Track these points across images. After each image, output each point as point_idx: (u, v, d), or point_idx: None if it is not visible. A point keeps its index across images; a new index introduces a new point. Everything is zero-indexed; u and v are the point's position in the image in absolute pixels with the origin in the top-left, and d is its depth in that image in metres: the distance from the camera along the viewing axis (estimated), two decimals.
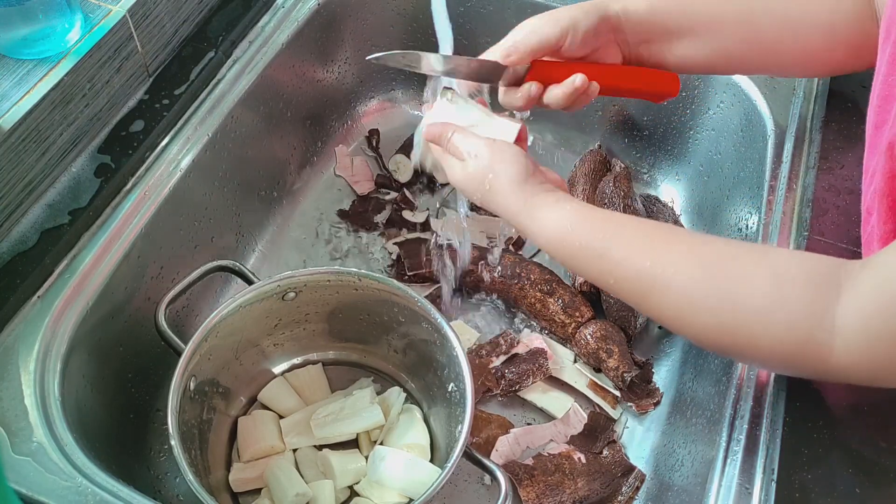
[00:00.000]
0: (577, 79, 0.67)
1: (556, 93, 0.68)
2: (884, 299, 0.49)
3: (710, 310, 0.55)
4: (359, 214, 1.01)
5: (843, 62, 0.71)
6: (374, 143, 1.08)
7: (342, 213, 1.01)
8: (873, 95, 0.62)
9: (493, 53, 0.69)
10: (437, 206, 1.02)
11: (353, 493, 0.77)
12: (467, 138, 0.66)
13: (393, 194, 1.03)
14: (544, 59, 0.69)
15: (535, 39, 0.67)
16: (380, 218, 1.01)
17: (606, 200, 0.95)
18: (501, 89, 0.70)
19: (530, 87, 0.68)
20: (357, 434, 0.79)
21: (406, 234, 0.99)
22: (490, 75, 0.69)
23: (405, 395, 0.82)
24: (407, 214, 1.01)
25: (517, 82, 0.69)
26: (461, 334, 0.79)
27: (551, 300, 0.89)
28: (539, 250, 0.99)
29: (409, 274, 0.93)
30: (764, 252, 0.57)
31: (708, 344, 0.58)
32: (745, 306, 0.53)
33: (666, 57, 0.72)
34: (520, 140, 0.68)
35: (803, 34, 0.69)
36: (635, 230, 0.61)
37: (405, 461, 0.75)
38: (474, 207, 1.01)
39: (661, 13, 0.70)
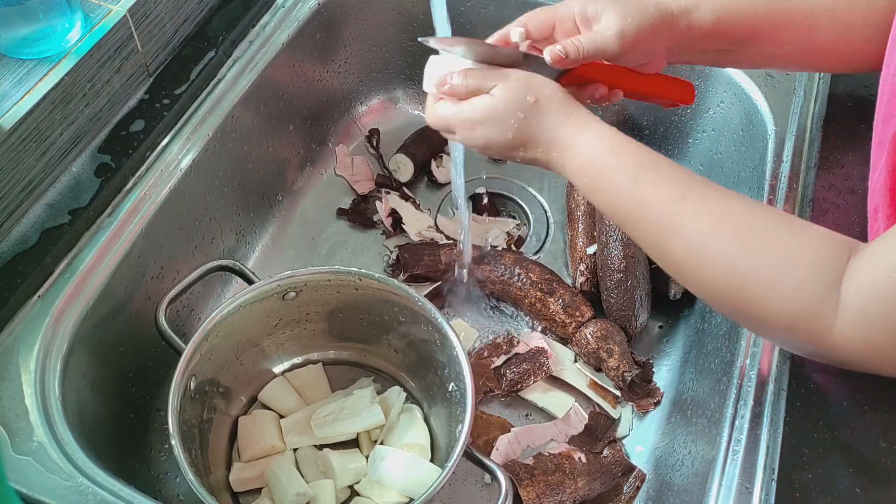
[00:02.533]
0: (597, 92, 0.67)
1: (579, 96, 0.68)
2: (879, 282, 0.49)
3: (727, 259, 0.54)
4: (358, 213, 1.01)
5: None
6: (375, 143, 1.08)
7: (342, 212, 1.01)
8: (883, 90, 0.62)
9: (532, 22, 0.67)
10: (438, 206, 1.02)
11: (354, 493, 0.77)
12: (487, 70, 0.63)
13: (394, 194, 1.03)
14: None
15: (592, 50, 0.64)
16: (379, 217, 1.01)
17: None
18: None
19: (596, 90, 0.68)
20: (357, 434, 0.79)
21: (405, 234, 0.99)
22: (530, 67, 0.65)
23: (405, 394, 0.82)
24: (407, 214, 1.01)
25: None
26: (461, 334, 0.79)
27: (551, 300, 0.89)
28: (539, 249, 0.99)
29: (407, 274, 0.93)
30: (788, 218, 0.57)
31: (714, 295, 0.57)
32: (761, 263, 0.53)
33: (718, 61, 0.72)
34: None
35: (861, 37, 0.69)
36: (673, 167, 0.60)
37: (405, 461, 0.75)
38: (475, 209, 1.02)
39: (726, 27, 0.68)
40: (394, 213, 1.00)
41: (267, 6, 0.93)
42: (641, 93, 0.73)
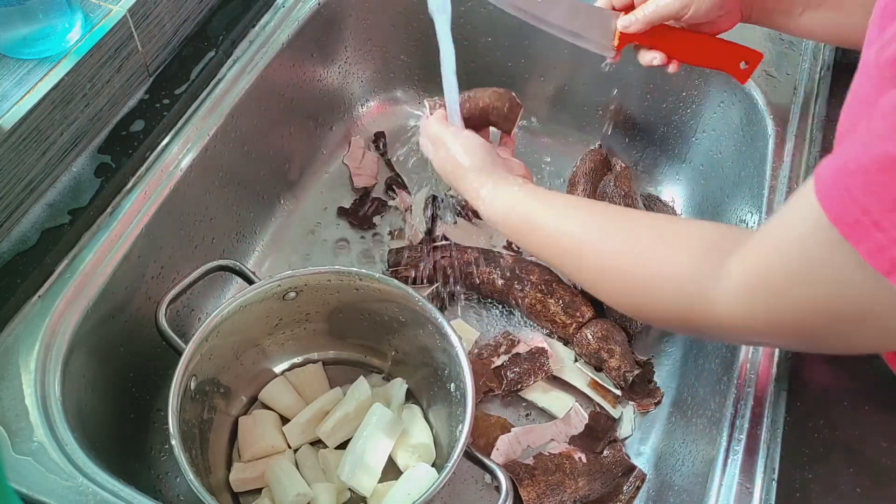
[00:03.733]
0: (656, 60, 0.76)
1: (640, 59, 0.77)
2: (761, 257, 0.49)
3: (620, 273, 0.58)
4: (359, 213, 1.01)
5: None
6: (382, 146, 1.08)
7: (342, 211, 1.01)
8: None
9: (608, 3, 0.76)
10: (439, 206, 1.02)
11: (354, 493, 0.77)
12: (438, 127, 0.72)
13: (396, 199, 1.03)
14: None
15: (657, 16, 0.72)
16: (378, 218, 1.01)
17: (607, 200, 0.95)
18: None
19: (653, 59, 0.77)
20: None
21: (406, 234, 0.99)
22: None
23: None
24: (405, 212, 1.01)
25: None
26: (461, 334, 0.79)
27: (551, 301, 0.89)
28: None
29: (402, 276, 0.93)
30: (675, 220, 0.62)
31: (621, 306, 0.61)
32: (645, 268, 0.56)
33: (788, 26, 0.74)
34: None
35: None
36: (570, 202, 0.66)
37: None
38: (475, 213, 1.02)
39: None
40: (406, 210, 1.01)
41: (267, 6, 0.93)
42: (698, 60, 0.78)
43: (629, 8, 0.75)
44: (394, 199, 1.03)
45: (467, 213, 1.01)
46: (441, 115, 0.74)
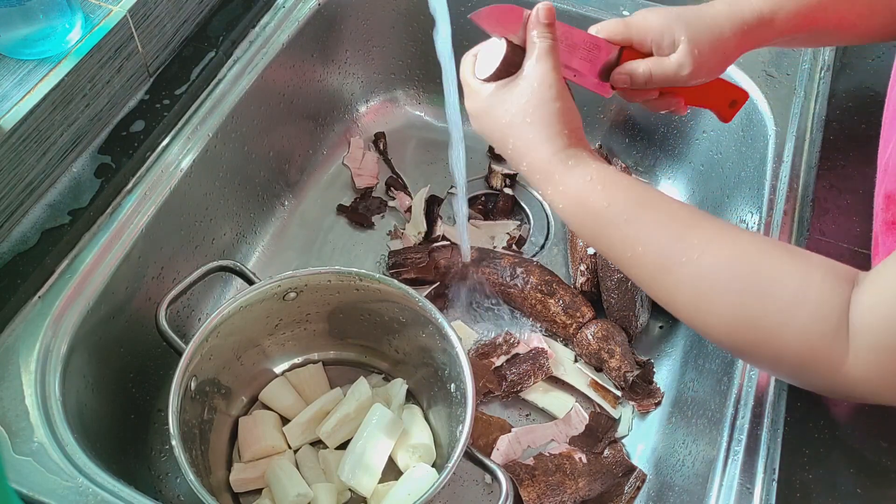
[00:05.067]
0: (672, 105, 0.69)
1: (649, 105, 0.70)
2: (884, 312, 0.48)
3: (732, 297, 0.52)
4: (359, 212, 1.01)
5: None
6: (382, 147, 1.08)
7: (342, 209, 1.01)
8: (893, 90, 0.61)
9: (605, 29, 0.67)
10: (439, 206, 1.02)
11: (354, 494, 0.77)
12: (548, 51, 0.60)
13: (397, 199, 1.03)
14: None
15: (661, 79, 0.66)
16: (377, 218, 1.01)
17: None
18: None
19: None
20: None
21: (406, 234, 0.99)
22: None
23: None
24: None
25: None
26: (461, 335, 0.79)
27: (552, 301, 0.89)
28: (540, 250, 0.99)
29: (402, 276, 0.93)
30: (791, 250, 0.55)
31: (719, 334, 0.54)
32: (770, 300, 0.51)
33: (790, 46, 0.74)
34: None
35: None
36: (666, 202, 0.57)
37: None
38: (475, 215, 1.02)
39: (811, 19, 0.68)
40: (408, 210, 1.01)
41: (267, 6, 0.93)
42: (690, 100, 0.73)
43: (626, 44, 0.67)
44: (393, 199, 1.03)
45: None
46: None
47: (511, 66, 0.61)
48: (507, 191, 1.02)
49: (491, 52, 0.63)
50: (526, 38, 0.61)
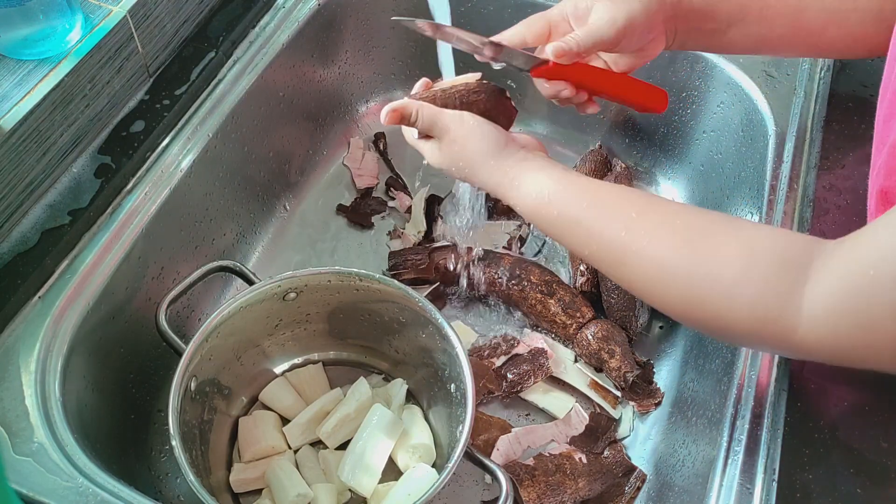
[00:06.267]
0: (563, 92, 0.70)
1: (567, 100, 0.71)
2: (853, 277, 0.48)
3: (680, 281, 0.55)
4: (358, 212, 1.01)
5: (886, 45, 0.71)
6: (382, 147, 1.08)
7: (342, 208, 1.01)
8: (885, 89, 0.61)
9: (529, 31, 0.69)
10: (440, 206, 1.02)
11: (354, 494, 0.77)
12: (434, 115, 0.65)
13: (397, 199, 1.03)
14: None
15: (590, 42, 0.67)
16: (377, 218, 1.01)
17: None
18: (541, 81, 0.71)
19: (563, 90, 0.70)
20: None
21: (406, 234, 0.99)
22: (518, 62, 0.69)
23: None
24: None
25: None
26: (461, 335, 0.79)
27: (552, 301, 0.89)
28: (540, 250, 0.99)
29: (402, 277, 0.93)
30: (738, 226, 0.57)
31: (676, 315, 0.59)
32: (713, 280, 0.53)
33: (712, 43, 0.73)
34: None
35: (850, 21, 0.69)
36: (612, 198, 0.61)
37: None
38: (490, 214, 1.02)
39: (716, 3, 0.70)
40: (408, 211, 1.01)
41: (267, 7, 0.93)
42: (611, 95, 0.74)
43: (546, 35, 0.70)
44: (393, 199, 1.03)
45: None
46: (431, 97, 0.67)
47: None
48: None
49: None
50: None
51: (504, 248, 0.98)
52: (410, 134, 0.69)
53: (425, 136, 0.67)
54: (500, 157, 0.64)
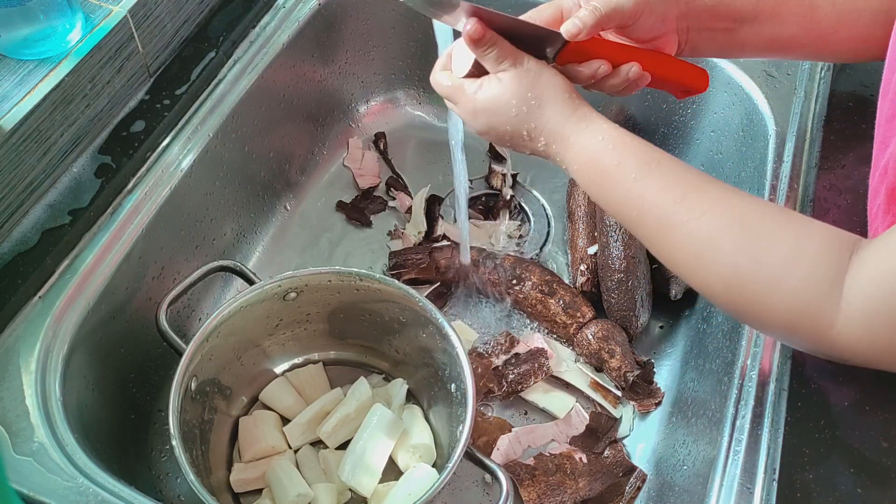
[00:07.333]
0: (633, 70, 0.65)
1: (612, 82, 0.66)
2: (884, 281, 0.49)
3: (725, 259, 0.54)
4: (358, 211, 1.01)
5: None
6: (382, 147, 1.08)
7: (341, 206, 1.01)
8: (887, 89, 0.61)
9: (539, 18, 0.65)
10: (440, 207, 1.02)
11: (355, 494, 0.77)
12: (501, 49, 0.61)
13: (397, 199, 1.03)
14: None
15: (608, 8, 0.62)
16: (378, 219, 1.01)
17: None
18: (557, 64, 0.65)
19: (599, 67, 0.65)
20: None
21: (406, 234, 0.99)
22: (537, 43, 0.63)
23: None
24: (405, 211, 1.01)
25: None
26: (461, 334, 0.79)
27: (552, 301, 0.89)
28: (540, 251, 0.99)
29: (403, 277, 0.93)
30: (791, 216, 0.57)
31: (716, 294, 0.57)
32: (763, 262, 0.53)
33: (724, 44, 0.71)
34: None
35: (862, 22, 0.69)
36: (675, 166, 0.60)
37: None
38: (475, 215, 1.02)
39: (730, 1, 0.69)
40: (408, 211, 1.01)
41: (267, 7, 0.93)
42: (650, 73, 0.68)
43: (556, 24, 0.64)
44: (394, 199, 1.03)
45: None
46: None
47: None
48: (507, 191, 1.02)
49: (459, 53, 0.64)
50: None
51: (504, 248, 0.98)
52: (445, 78, 0.64)
53: (474, 75, 0.63)
54: (573, 95, 0.62)
